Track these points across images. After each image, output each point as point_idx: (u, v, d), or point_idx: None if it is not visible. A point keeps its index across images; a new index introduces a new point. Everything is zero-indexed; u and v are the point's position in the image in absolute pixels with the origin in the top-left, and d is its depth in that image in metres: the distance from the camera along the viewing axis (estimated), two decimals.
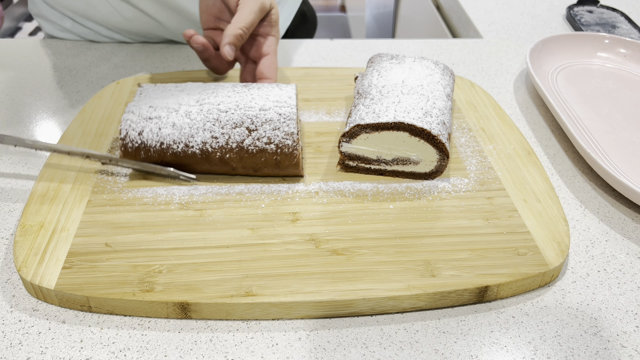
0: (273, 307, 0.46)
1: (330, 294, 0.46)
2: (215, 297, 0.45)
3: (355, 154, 0.58)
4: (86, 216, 0.53)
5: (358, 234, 0.52)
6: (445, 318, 0.47)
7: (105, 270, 0.48)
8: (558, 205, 0.56)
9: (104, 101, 0.71)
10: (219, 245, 0.50)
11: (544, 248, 0.51)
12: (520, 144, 0.65)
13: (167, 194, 0.56)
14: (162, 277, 0.47)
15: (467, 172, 0.60)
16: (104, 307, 0.46)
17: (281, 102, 0.57)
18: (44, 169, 0.59)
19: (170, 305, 0.45)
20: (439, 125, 0.56)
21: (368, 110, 0.57)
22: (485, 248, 0.51)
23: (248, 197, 0.56)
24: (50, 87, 0.77)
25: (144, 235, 0.51)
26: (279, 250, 0.50)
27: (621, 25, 0.99)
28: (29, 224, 0.52)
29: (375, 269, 0.48)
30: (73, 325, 0.46)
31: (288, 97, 0.58)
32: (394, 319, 0.47)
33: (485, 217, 0.54)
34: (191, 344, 0.45)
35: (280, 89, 0.59)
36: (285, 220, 0.53)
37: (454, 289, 0.47)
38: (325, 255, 0.50)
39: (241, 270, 0.48)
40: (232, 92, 0.58)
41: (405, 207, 0.55)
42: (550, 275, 0.50)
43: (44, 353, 0.44)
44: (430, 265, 0.49)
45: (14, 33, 1.52)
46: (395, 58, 0.67)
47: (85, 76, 0.80)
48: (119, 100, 0.71)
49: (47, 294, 0.46)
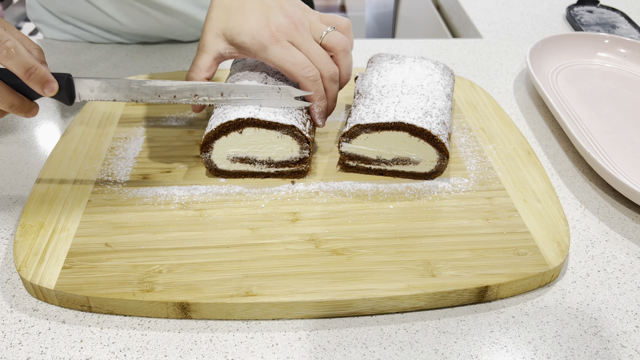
0: (273, 307, 0.46)
1: (330, 294, 0.46)
2: (215, 297, 0.45)
3: (355, 154, 0.58)
4: (86, 216, 0.53)
5: (358, 234, 0.52)
6: (445, 318, 0.47)
7: (105, 270, 0.47)
8: (558, 205, 0.56)
9: (102, 102, 0.71)
10: (219, 245, 0.50)
11: (544, 248, 0.51)
12: (520, 144, 0.65)
13: (167, 193, 0.56)
14: (162, 277, 0.47)
15: (467, 172, 0.60)
16: (104, 307, 0.46)
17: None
18: (44, 169, 0.59)
19: (170, 305, 0.45)
20: (439, 125, 0.56)
21: (368, 110, 0.57)
22: (485, 248, 0.51)
23: (248, 197, 0.56)
24: None
25: (144, 235, 0.51)
26: (279, 250, 0.50)
27: (621, 25, 0.99)
28: (29, 224, 0.52)
29: (375, 269, 0.48)
30: (73, 325, 0.46)
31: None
32: (394, 319, 0.47)
33: (485, 217, 0.54)
34: (191, 344, 0.45)
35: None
36: (285, 220, 0.53)
37: (454, 289, 0.47)
38: (325, 255, 0.50)
39: (241, 270, 0.48)
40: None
41: (405, 207, 0.55)
42: (550, 275, 0.50)
43: (44, 353, 0.44)
44: (430, 265, 0.49)
45: None
46: (395, 58, 0.67)
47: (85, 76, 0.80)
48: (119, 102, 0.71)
49: (47, 294, 0.46)
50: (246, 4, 0.56)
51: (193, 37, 0.90)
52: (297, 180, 0.58)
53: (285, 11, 0.56)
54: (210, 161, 0.57)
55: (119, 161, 0.60)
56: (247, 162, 0.57)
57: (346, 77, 0.60)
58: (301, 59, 0.55)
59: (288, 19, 0.56)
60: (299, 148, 0.56)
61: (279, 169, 0.58)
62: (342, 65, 0.59)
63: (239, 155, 0.56)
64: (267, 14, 0.55)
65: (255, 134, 0.55)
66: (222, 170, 0.58)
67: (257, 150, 0.56)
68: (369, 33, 1.91)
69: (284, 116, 0.54)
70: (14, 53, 0.48)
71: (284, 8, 0.56)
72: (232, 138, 0.55)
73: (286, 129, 0.54)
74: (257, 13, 0.55)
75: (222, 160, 0.57)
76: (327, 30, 0.58)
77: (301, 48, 0.56)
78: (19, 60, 0.48)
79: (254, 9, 0.56)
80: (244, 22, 0.55)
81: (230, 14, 0.56)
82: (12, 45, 0.48)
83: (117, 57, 0.85)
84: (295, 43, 0.56)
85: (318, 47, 0.57)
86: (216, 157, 0.57)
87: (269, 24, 0.55)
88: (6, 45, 0.48)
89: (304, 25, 0.57)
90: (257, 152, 0.56)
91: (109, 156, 0.61)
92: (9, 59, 0.48)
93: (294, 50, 0.55)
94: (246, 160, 0.57)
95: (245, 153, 0.56)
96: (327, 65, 0.57)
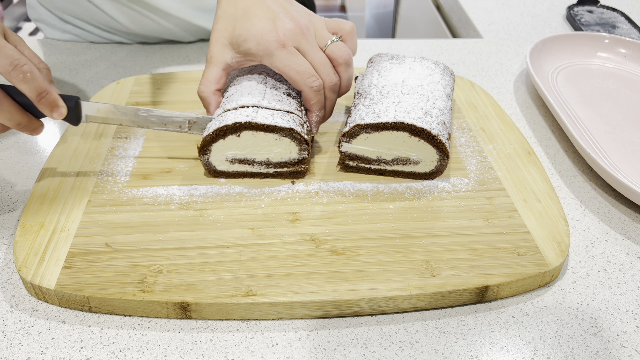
0: (273, 307, 0.46)
1: (330, 294, 0.46)
2: (215, 297, 0.45)
3: (355, 154, 0.58)
4: (86, 216, 0.53)
5: (358, 234, 0.52)
6: (445, 318, 0.47)
7: (105, 270, 0.47)
8: (558, 205, 0.56)
9: (103, 100, 0.71)
10: (219, 245, 0.50)
11: (544, 248, 0.51)
12: (520, 144, 0.65)
13: (167, 193, 0.56)
14: (162, 277, 0.47)
15: (467, 172, 0.60)
16: (104, 307, 0.46)
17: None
18: (44, 169, 0.59)
19: (170, 305, 0.45)
20: (439, 125, 0.56)
21: (368, 110, 0.57)
22: (485, 248, 0.51)
23: (248, 197, 0.56)
24: None
25: (144, 235, 0.51)
26: (279, 250, 0.50)
27: (621, 25, 0.99)
28: (29, 224, 0.52)
29: (375, 269, 0.48)
30: (73, 325, 0.46)
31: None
32: (394, 319, 0.47)
33: (485, 217, 0.54)
34: (191, 344, 0.45)
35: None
36: (285, 220, 0.53)
37: (454, 289, 0.47)
38: (325, 255, 0.50)
39: (241, 270, 0.48)
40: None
41: (405, 207, 0.55)
42: (550, 275, 0.50)
43: (44, 353, 0.44)
44: (430, 265, 0.49)
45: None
46: (395, 58, 0.67)
47: (85, 76, 0.80)
48: (119, 100, 0.71)
49: (47, 294, 0.46)
50: (251, 11, 0.56)
51: (192, 38, 0.90)
52: (297, 180, 0.58)
53: (291, 16, 0.56)
54: (209, 163, 0.57)
55: (119, 161, 0.60)
56: (246, 163, 0.57)
57: (345, 89, 0.60)
58: (306, 68, 0.55)
59: (294, 24, 0.55)
60: (298, 149, 0.56)
61: (277, 169, 0.58)
62: (343, 78, 0.59)
63: (238, 157, 0.56)
64: (274, 19, 0.55)
65: (253, 137, 0.55)
66: (221, 172, 0.58)
67: (256, 152, 0.56)
68: (369, 33, 1.90)
69: (282, 119, 0.54)
70: (29, 78, 0.49)
71: (289, 13, 0.56)
72: (230, 141, 0.55)
73: (284, 132, 0.54)
74: (263, 19, 0.55)
75: (221, 162, 0.57)
76: (332, 40, 0.57)
77: (306, 55, 0.56)
78: (33, 85, 0.49)
79: (260, 14, 0.55)
80: (249, 28, 0.55)
81: (236, 23, 0.56)
82: (28, 70, 0.49)
83: (117, 57, 0.85)
84: (301, 49, 0.56)
85: (322, 55, 0.57)
86: (214, 159, 0.57)
87: (276, 29, 0.54)
88: (23, 70, 0.48)
89: (309, 30, 0.57)
90: (256, 153, 0.56)
91: (109, 156, 0.61)
92: (24, 83, 0.49)
93: (299, 57, 0.55)
94: (245, 161, 0.57)
95: (243, 155, 0.56)
96: (329, 76, 0.57)
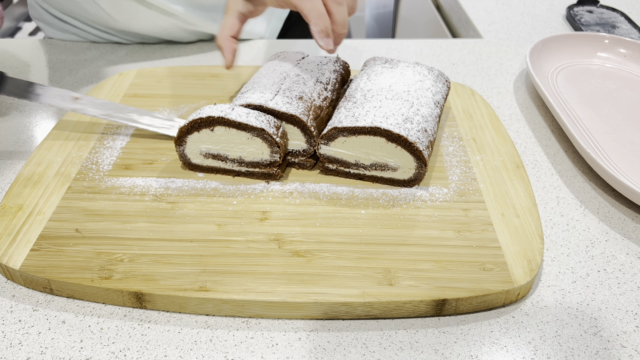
0: (225, 304, 0.46)
1: (283, 295, 0.46)
2: (168, 290, 0.46)
3: (333, 156, 0.58)
4: (64, 201, 0.55)
5: (323, 237, 0.51)
6: (445, 318, 0.47)
7: (70, 255, 0.49)
8: (537, 222, 0.54)
9: (104, 91, 0.73)
10: (184, 239, 0.51)
11: (512, 265, 0.49)
12: (510, 156, 0.63)
13: (145, 184, 0.57)
14: (122, 266, 0.48)
15: (448, 182, 0.59)
16: (64, 290, 0.47)
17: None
18: (34, 154, 0.61)
19: (125, 294, 0.46)
20: (419, 132, 0.55)
21: (348, 113, 0.57)
22: (450, 260, 0.49)
23: (222, 193, 0.56)
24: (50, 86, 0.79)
25: (113, 223, 0.52)
26: (241, 248, 0.50)
27: (621, 25, 0.97)
28: (9, 206, 0.54)
29: (333, 273, 0.48)
30: (73, 325, 0.46)
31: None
32: (393, 319, 0.47)
33: (457, 229, 0.53)
34: (191, 344, 0.45)
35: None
36: (253, 218, 0.53)
37: (409, 300, 0.46)
38: (286, 256, 0.49)
39: (199, 265, 0.48)
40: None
41: (377, 213, 0.54)
42: (515, 294, 0.48)
43: (44, 353, 0.44)
44: (390, 273, 0.48)
45: (14, 33, 1.51)
46: (388, 62, 0.66)
47: (85, 75, 0.81)
48: (118, 92, 0.73)
49: (13, 274, 0.48)
50: None
51: (190, 39, 0.91)
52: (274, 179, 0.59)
53: None
54: (184, 155, 0.58)
55: (106, 150, 0.62)
56: (219, 159, 0.58)
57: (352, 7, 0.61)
58: None
59: None
60: (270, 151, 0.56)
61: (249, 169, 0.58)
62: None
63: (211, 151, 0.57)
64: None
65: (226, 133, 0.55)
66: (195, 165, 0.59)
67: (229, 148, 0.56)
68: (369, 33, 1.88)
69: (256, 118, 0.55)
70: None
71: None
72: (204, 134, 0.56)
73: (256, 132, 0.55)
74: None
75: (195, 154, 0.58)
76: None
77: None
78: None
79: None
80: None
81: None
82: None
83: (117, 57, 0.87)
84: None
85: None
86: (189, 151, 0.57)
87: None
88: None
89: None
90: (229, 150, 0.56)
91: (97, 145, 0.63)
92: None
93: None
94: (218, 157, 0.57)
95: (217, 150, 0.57)
96: None
